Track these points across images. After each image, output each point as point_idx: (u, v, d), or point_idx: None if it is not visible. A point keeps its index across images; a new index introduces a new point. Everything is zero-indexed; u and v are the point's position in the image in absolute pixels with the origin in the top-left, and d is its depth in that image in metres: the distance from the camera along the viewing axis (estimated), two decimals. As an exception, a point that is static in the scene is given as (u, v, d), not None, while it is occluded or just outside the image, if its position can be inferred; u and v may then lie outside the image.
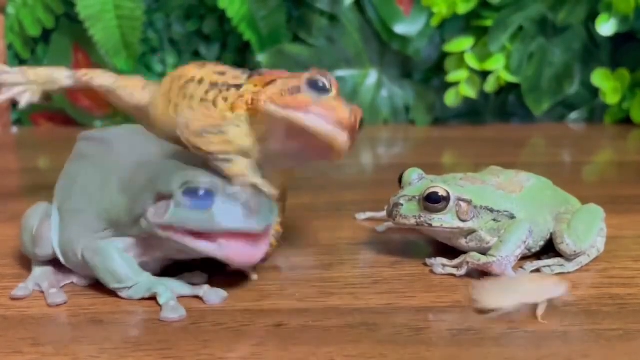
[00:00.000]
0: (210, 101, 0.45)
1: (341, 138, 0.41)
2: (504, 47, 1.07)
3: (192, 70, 0.48)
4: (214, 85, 0.46)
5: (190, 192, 0.41)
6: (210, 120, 0.43)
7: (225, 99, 0.45)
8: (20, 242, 0.50)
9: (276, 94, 0.42)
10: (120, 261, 0.44)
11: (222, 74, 0.47)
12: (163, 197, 0.42)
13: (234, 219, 0.41)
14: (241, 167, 0.43)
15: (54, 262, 0.48)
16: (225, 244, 0.41)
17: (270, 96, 0.42)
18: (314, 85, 0.42)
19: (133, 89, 0.53)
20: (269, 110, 0.42)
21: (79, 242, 0.45)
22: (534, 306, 0.42)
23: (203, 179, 0.41)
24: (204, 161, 0.44)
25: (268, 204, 0.43)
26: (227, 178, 0.43)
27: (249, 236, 0.41)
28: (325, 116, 0.41)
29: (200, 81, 0.46)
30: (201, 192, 0.41)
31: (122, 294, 0.44)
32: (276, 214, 0.44)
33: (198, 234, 0.42)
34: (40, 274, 0.47)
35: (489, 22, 1.06)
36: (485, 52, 1.07)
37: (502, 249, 0.47)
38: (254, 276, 0.48)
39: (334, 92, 0.42)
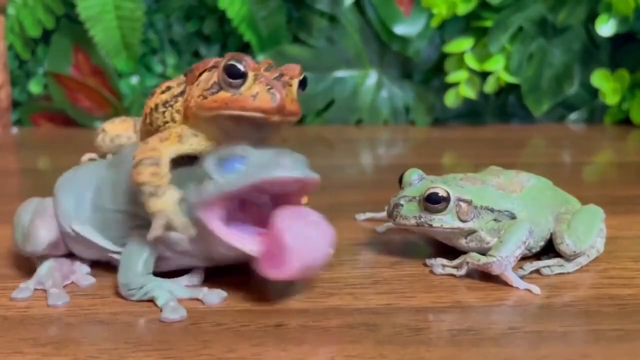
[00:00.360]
0: (170, 121, 0.47)
1: (272, 119, 0.42)
2: (503, 48, 1.07)
3: (147, 104, 0.49)
4: (165, 104, 0.47)
5: (225, 161, 0.42)
6: (148, 153, 0.44)
7: (179, 111, 0.46)
8: (13, 240, 0.50)
9: (200, 97, 0.43)
10: (138, 264, 0.44)
11: (169, 88, 0.48)
12: (202, 179, 0.43)
13: (270, 170, 0.41)
14: (166, 204, 0.43)
15: (57, 258, 0.48)
16: (260, 249, 0.42)
17: (196, 101, 0.44)
18: (230, 74, 0.42)
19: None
20: (199, 114, 0.44)
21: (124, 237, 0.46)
22: None
23: (235, 150, 0.42)
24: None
25: (302, 162, 0.43)
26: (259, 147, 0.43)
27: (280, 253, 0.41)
28: (246, 107, 0.42)
29: (156, 108, 0.48)
30: (235, 157, 0.42)
31: (122, 291, 0.44)
32: (313, 175, 0.44)
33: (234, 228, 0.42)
34: (47, 271, 0.47)
35: (488, 23, 1.06)
36: (485, 52, 1.07)
37: (502, 249, 0.47)
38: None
39: (250, 76, 0.42)
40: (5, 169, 0.90)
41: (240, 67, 0.42)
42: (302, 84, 0.44)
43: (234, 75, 0.42)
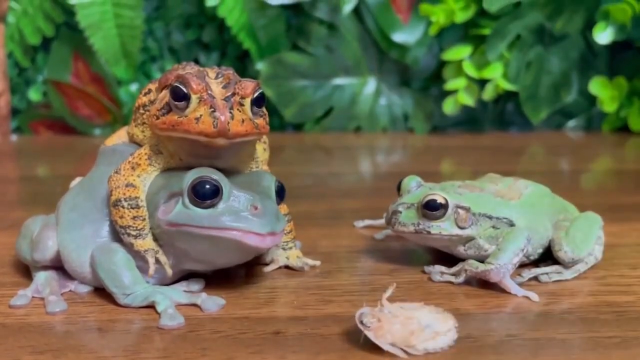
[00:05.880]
0: (147, 123, 0.48)
1: (216, 142, 0.42)
2: (502, 56, 1.08)
3: (136, 101, 0.51)
4: (144, 107, 0.49)
5: (198, 188, 0.42)
6: (125, 192, 0.45)
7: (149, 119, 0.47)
8: (16, 248, 0.50)
9: (153, 117, 0.44)
10: (125, 266, 0.44)
11: (150, 91, 0.49)
12: (174, 195, 0.43)
13: (237, 219, 0.42)
14: (150, 242, 0.45)
15: (55, 269, 0.49)
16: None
17: (151, 120, 0.45)
18: (175, 97, 0.43)
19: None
20: (154, 131, 0.45)
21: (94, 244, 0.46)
22: None
23: (212, 176, 0.42)
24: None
25: (274, 212, 0.43)
26: (235, 182, 0.44)
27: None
28: (189, 130, 0.42)
29: (138, 108, 0.50)
30: (208, 187, 0.42)
31: (120, 300, 0.44)
32: (284, 225, 0.44)
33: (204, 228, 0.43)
34: (44, 280, 0.47)
35: (486, 31, 1.06)
36: (483, 60, 1.07)
37: (500, 256, 0.47)
38: (317, 262, 0.52)
39: (194, 99, 0.42)
40: (5, 177, 0.90)
41: (183, 89, 0.42)
42: (258, 101, 0.44)
43: (178, 97, 0.43)
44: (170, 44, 1.14)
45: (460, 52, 1.08)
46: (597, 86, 1.11)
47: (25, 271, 0.50)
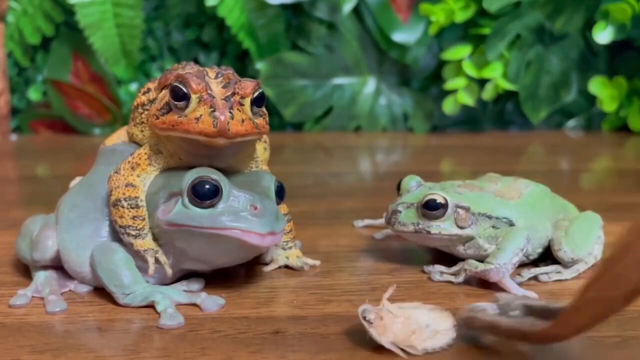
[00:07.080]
0: (145, 122, 0.48)
1: (216, 142, 0.43)
2: (501, 55, 1.08)
3: (135, 100, 0.51)
4: (143, 106, 0.49)
5: (198, 188, 0.42)
6: (125, 192, 0.45)
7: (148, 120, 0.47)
8: (16, 248, 0.50)
9: (153, 116, 0.45)
10: (124, 266, 0.45)
11: (149, 90, 0.49)
12: (174, 195, 0.44)
13: (237, 219, 0.42)
14: (150, 242, 0.45)
15: (55, 268, 0.49)
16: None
17: (150, 120, 0.45)
18: (174, 96, 0.43)
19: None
20: (154, 131, 0.45)
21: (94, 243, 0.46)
22: None
23: (212, 176, 0.42)
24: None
25: (274, 212, 0.43)
26: (234, 182, 0.44)
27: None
28: (189, 130, 0.42)
29: (137, 107, 0.50)
30: (207, 187, 0.42)
31: (120, 299, 0.44)
32: (283, 224, 0.44)
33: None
34: (43, 279, 0.47)
35: (486, 30, 1.06)
36: (483, 60, 1.07)
37: (499, 256, 0.47)
38: (317, 262, 0.52)
39: (193, 98, 0.42)
40: (4, 177, 0.90)
41: (183, 89, 0.42)
42: (258, 100, 0.44)
43: (178, 97, 0.43)
44: (169, 44, 1.14)
45: (460, 52, 1.08)
46: (597, 86, 1.11)
47: (25, 271, 0.50)
